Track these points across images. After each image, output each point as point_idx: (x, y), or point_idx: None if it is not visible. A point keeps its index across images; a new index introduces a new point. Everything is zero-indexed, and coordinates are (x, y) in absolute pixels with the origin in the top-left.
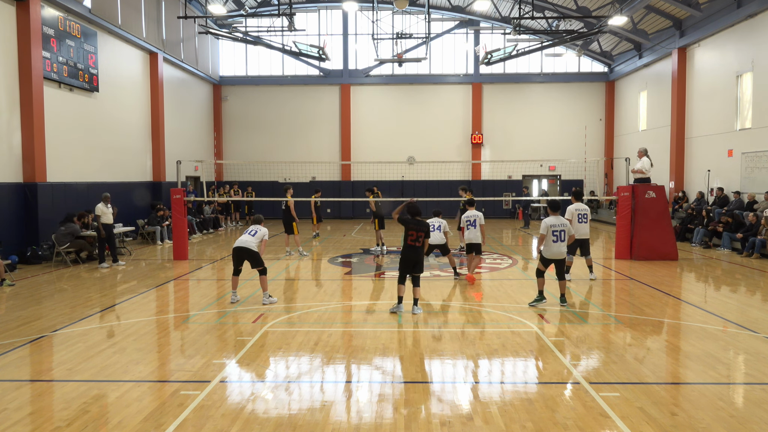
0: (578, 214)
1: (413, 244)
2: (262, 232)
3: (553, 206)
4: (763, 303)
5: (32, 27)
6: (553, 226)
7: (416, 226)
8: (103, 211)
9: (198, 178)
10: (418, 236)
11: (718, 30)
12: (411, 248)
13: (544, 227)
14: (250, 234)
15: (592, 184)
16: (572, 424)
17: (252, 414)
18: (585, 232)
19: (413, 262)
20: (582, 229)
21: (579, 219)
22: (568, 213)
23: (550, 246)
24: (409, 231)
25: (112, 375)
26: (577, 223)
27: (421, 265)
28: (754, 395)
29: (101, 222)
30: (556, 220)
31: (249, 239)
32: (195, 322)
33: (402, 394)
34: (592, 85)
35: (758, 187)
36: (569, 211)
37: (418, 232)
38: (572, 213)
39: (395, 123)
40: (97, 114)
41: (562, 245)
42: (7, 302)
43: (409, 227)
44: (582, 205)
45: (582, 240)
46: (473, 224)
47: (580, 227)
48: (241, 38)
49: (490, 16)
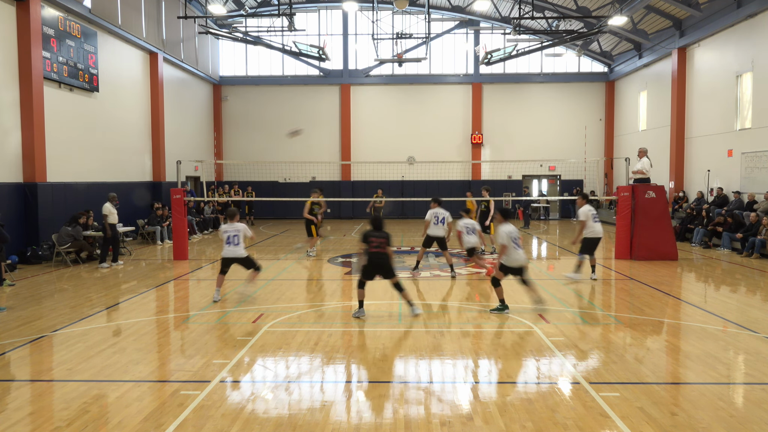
0: (591, 214)
1: (376, 251)
2: (242, 234)
3: (505, 214)
4: (763, 303)
5: (32, 27)
6: (510, 233)
7: (376, 234)
8: (111, 210)
9: (198, 178)
10: (380, 242)
11: (718, 30)
12: (374, 254)
13: (504, 236)
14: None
15: (592, 184)
16: (572, 424)
17: (252, 414)
18: (599, 231)
19: (379, 267)
20: (597, 228)
21: (593, 219)
22: (582, 215)
23: (512, 254)
24: (369, 239)
25: (112, 375)
26: (592, 223)
27: (391, 270)
28: (754, 395)
29: (108, 222)
30: (511, 227)
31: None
32: (195, 322)
33: (402, 394)
34: (592, 85)
35: (758, 187)
36: (583, 212)
37: (378, 239)
38: (586, 214)
39: (395, 123)
40: (97, 114)
41: (522, 252)
42: (7, 302)
43: (369, 236)
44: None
45: (597, 239)
46: (473, 231)
47: (595, 227)
48: (241, 38)
49: (490, 16)
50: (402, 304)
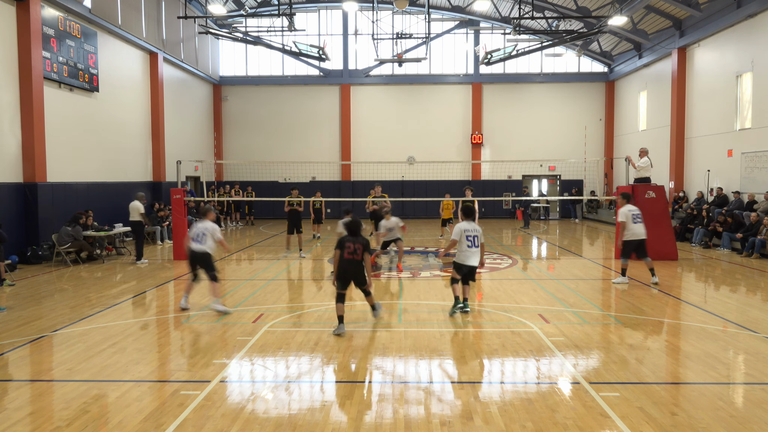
0: (632, 215)
1: (350, 257)
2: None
3: (466, 212)
4: (763, 303)
5: (32, 27)
6: (466, 231)
7: (352, 240)
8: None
9: (198, 178)
10: (356, 248)
11: (718, 30)
12: (348, 261)
13: (457, 232)
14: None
15: (592, 184)
16: (572, 424)
17: (252, 414)
18: (641, 233)
19: (352, 275)
20: (638, 229)
21: (633, 220)
22: (621, 215)
23: (464, 251)
24: (345, 244)
25: (112, 375)
26: (632, 224)
27: (363, 278)
28: (754, 395)
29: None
30: (469, 225)
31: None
32: (195, 322)
33: (402, 394)
34: (592, 85)
35: (758, 187)
36: (622, 213)
37: (355, 245)
38: (626, 215)
39: (395, 123)
40: (97, 114)
41: (477, 251)
42: (7, 302)
43: (344, 242)
44: (633, 206)
45: (639, 241)
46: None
47: (635, 227)
48: (241, 38)
49: (490, 16)
50: (402, 304)
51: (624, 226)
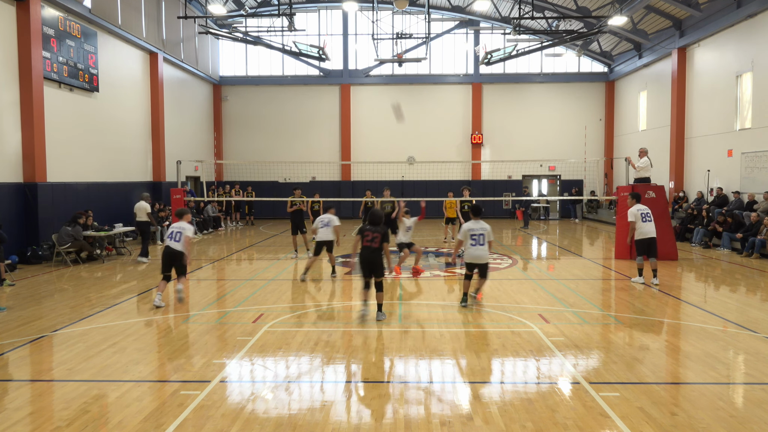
0: (641, 214)
1: (368, 245)
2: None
3: (475, 211)
4: (763, 303)
5: (32, 27)
6: (471, 230)
7: (371, 228)
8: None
9: (198, 178)
10: (374, 237)
11: (718, 30)
12: (364, 248)
13: (463, 232)
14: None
15: (592, 184)
16: (572, 424)
17: (252, 414)
18: (651, 231)
19: (369, 262)
20: (647, 228)
21: (643, 219)
22: (630, 215)
23: (468, 250)
24: (364, 233)
25: (112, 375)
26: (641, 223)
27: (380, 268)
28: (754, 395)
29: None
30: (475, 224)
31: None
32: (195, 322)
33: (402, 394)
34: (592, 85)
35: (758, 187)
36: (631, 213)
37: (373, 233)
38: (635, 215)
39: (395, 123)
40: (97, 114)
41: (482, 249)
42: (7, 302)
43: (363, 230)
44: (642, 205)
45: (649, 239)
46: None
47: (644, 226)
48: (241, 38)
49: (490, 16)
50: (402, 304)
51: (634, 226)
